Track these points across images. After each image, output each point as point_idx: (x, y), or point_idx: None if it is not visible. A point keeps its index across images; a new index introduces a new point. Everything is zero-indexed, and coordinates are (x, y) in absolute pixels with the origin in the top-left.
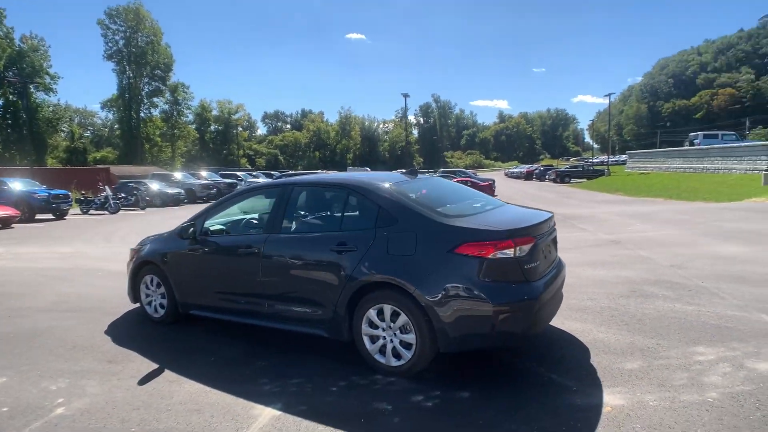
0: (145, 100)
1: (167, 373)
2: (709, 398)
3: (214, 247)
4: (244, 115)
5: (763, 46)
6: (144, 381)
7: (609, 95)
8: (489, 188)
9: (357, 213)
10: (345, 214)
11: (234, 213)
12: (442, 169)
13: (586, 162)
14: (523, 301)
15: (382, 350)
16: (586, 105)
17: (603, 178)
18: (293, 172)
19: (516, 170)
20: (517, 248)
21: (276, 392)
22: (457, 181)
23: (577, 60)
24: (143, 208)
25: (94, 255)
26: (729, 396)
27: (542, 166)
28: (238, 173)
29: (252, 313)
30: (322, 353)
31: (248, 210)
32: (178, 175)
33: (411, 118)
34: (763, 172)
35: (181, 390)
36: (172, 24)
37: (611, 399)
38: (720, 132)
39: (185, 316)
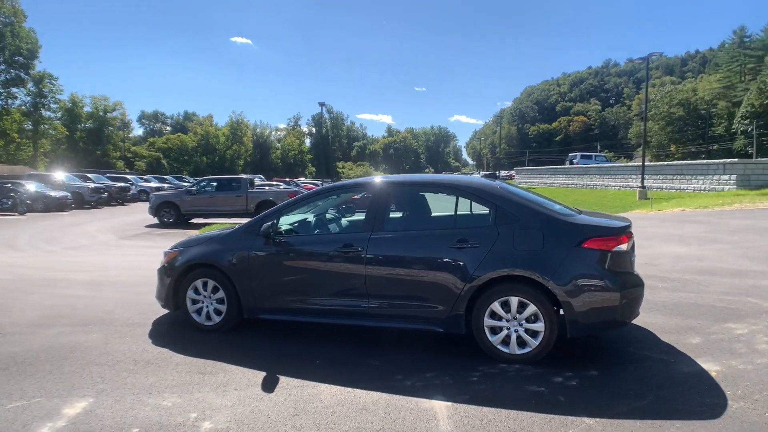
0: (1, 90)
1: (286, 379)
2: None
3: (300, 247)
4: (122, 114)
5: (606, 82)
6: (269, 388)
7: (500, 118)
8: None
9: (472, 212)
10: (457, 212)
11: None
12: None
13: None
14: (637, 289)
15: (505, 340)
16: (462, 124)
17: None
18: (207, 178)
19: None
20: (628, 243)
21: (422, 386)
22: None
23: (454, 82)
24: (22, 213)
25: (20, 263)
26: None
27: None
28: (128, 176)
29: (349, 313)
30: (424, 348)
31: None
32: (60, 176)
33: (303, 127)
34: (638, 189)
35: (321, 393)
36: (39, 7)
37: (708, 366)
38: (594, 153)
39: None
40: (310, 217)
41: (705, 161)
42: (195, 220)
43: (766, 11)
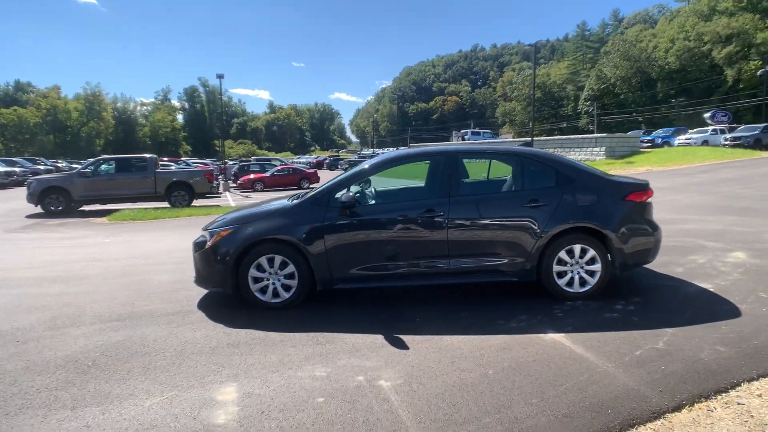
0: None
1: (407, 337)
2: (744, 270)
3: (379, 215)
4: None
5: (474, 65)
6: (401, 346)
7: (397, 102)
8: (315, 175)
9: (535, 175)
10: (524, 176)
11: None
12: (254, 158)
13: (360, 154)
14: (659, 232)
15: (569, 282)
16: (343, 102)
17: None
18: (104, 157)
19: (304, 160)
20: (651, 196)
21: (526, 326)
22: (279, 169)
23: (333, 59)
24: None
25: None
26: (752, 268)
27: (331, 156)
28: None
29: (431, 274)
30: (495, 299)
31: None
32: None
33: (174, 102)
34: None
35: (452, 343)
36: None
37: (704, 285)
38: (482, 131)
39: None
40: (359, 188)
41: (581, 136)
42: (89, 207)
43: (602, 9)
